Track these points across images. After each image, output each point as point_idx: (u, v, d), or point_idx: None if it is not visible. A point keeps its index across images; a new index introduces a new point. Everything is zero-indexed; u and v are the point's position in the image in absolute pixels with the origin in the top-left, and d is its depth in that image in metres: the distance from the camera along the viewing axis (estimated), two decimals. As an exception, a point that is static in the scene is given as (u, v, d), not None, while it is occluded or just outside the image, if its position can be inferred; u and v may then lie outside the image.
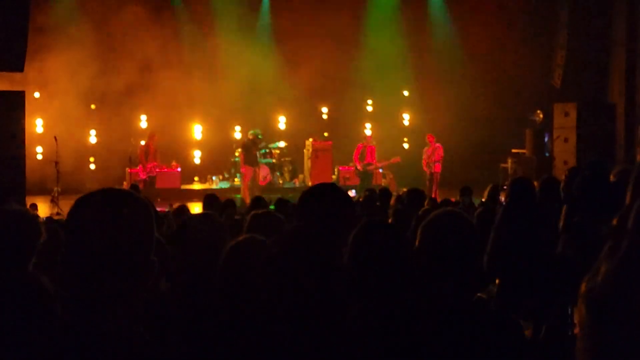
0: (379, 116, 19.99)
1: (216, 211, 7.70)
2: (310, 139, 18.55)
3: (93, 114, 18.86)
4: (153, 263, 1.86)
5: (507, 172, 17.62)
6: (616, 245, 1.34)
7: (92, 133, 18.90)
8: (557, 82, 18.48)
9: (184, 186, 18.16)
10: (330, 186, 3.22)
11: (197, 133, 19.48)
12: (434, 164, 16.68)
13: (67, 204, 14.27)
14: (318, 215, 2.82)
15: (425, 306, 2.55)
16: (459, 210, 3.17)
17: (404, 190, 10.36)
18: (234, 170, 18.40)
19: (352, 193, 15.99)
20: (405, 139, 20.11)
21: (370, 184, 16.09)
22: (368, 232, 2.73)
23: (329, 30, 18.65)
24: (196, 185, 18.76)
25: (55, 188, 15.34)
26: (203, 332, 2.57)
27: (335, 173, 18.36)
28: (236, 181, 18.00)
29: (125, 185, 16.33)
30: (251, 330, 2.36)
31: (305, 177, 18.50)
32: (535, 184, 6.16)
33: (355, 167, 17.21)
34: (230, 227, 6.72)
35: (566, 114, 17.49)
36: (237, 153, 17.65)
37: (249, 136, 16.49)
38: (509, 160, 18.33)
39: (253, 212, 3.97)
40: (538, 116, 18.82)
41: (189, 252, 3.06)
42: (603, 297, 1.29)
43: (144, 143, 17.31)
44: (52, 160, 15.78)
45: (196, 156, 19.47)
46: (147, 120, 18.98)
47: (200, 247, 3.05)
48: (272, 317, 2.35)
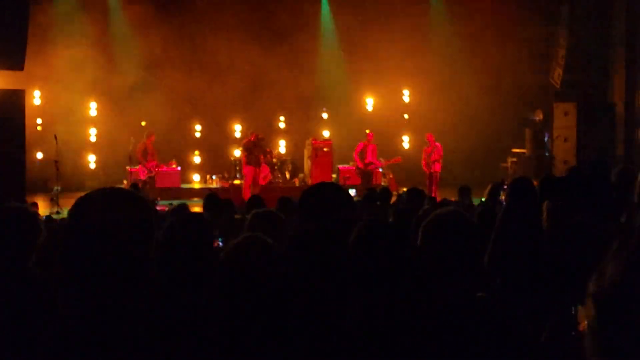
0: (379, 116, 19.98)
1: (217, 210, 7.70)
2: (311, 139, 18.55)
3: (93, 112, 18.87)
4: (152, 261, 1.86)
5: (507, 172, 17.63)
6: (624, 244, 1.33)
7: (92, 132, 18.89)
8: (557, 82, 18.48)
9: (183, 185, 18.17)
10: (331, 185, 3.22)
11: (197, 132, 19.50)
12: (433, 164, 16.67)
13: (67, 203, 14.29)
14: (319, 214, 2.82)
15: (426, 305, 2.55)
16: (460, 209, 3.17)
17: (404, 189, 10.38)
18: (233, 170, 18.40)
19: (353, 192, 15.98)
20: (405, 139, 20.11)
21: (370, 183, 16.08)
22: (370, 232, 2.73)
23: (329, 30, 18.65)
24: (196, 184, 18.77)
25: (55, 187, 15.34)
26: (203, 332, 2.57)
27: (336, 172, 18.35)
28: (236, 181, 17.99)
29: (125, 184, 16.33)
30: (252, 329, 2.36)
31: (305, 177, 18.49)
32: (535, 183, 6.15)
33: (356, 166, 17.19)
34: (230, 227, 6.72)
35: (566, 114, 17.50)
36: (238, 153, 17.67)
37: (250, 137, 16.49)
38: (509, 159, 18.35)
39: (254, 211, 3.97)
40: (538, 116, 18.83)
41: (175, 252, 3.07)
42: (612, 297, 1.28)
43: (141, 143, 17.25)
44: (52, 159, 15.78)
45: (196, 155, 19.48)
46: (148, 119, 18.97)
47: (185, 247, 3.07)
48: (274, 316, 2.34)
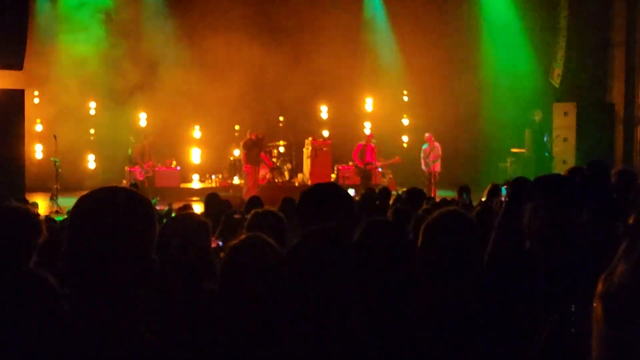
0: (378, 115, 19.98)
1: (217, 210, 7.70)
2: (310, 138, 18.54)
3: (93, 112, 18.86)
4: (154, 261, 1.86)
5: (507, 172, 17.63)
6: (633, 245, 1.33)
7: (92, 132, 18.88)
8: (557, 82, 18.49)
9: (183, 185, 18.16)
10: (330, 185, 3.22)
11: (197, 132, 19.49)
12: (432, 163, 16.66)
13: (66, 203, 14.25)
14: (319, 214, 2.82)
15: (427, 305, 2.55)
16: (461, 209, 3.17)
17: (404, 189, 10.36)
18: (237, 168, 18.39)
19: (352, 192, 15.98)
20: (404, 138, 20.11)
21: (369, 183, 16.07)
22: (372, 231, 2.73)
23: (329, 29, 18.64)
24: (195, 184, 18.77)
25: (55, 186, 15.34)
26: (202, 331, 2.57)
27: (335, 172, 18.35)
28: (235, 180, 17.99)
29: (124, 184, 16.32)
30: (251, 329, 2.36)
31: (304, 176, 18.49)
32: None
33: (355, 165, 17.19)
34: (229, 227, 6.72)
35: (565, 114, 17.51)
36: (237, 153, 17.67)
37: (250, 135, 16.50)
38: (509, 159, 18.35)
39: (254, 211, 3.98)
40: (537, 116, 18.83)
41: (171, 251, 3.09)
42: (620, 297, 1.28)
43: (139, 144, 17.24)
44: (52, 159, 15.77)
45: (195, 155, 19.48)
46: (147, 119, 18.97)
47: (180, 246, 3.09)
48: (275, 316, 2.35)
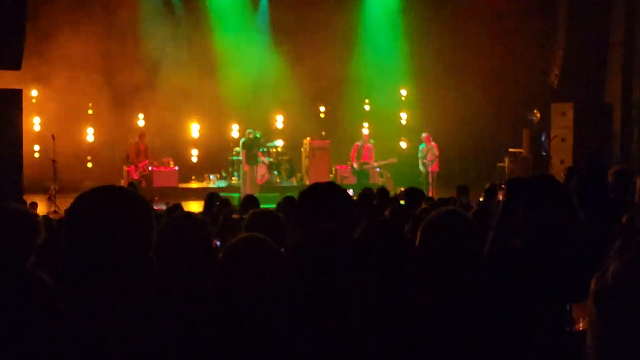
0: (376, 115, 19.99)
1: (216, 210, 7.69)
2: (308, 138, 18.55)
3: (91, 112, 18.85)
4: (152, 260, 1.86)
5: (504, 172, 17.64)
6: (626, 244, 1.33)
7: (90, 131, 18.87)
8: (555, 82, 18.50)
9: (181, 185, 18.15)
10: (329, 185, 3.22)
11: (195, 131, 19.49)
12: (431, 164, 16.67)
13: (65, 202, 14.27)
14: (317, 214, 2.82)
15: (425, 304, 2.55)
16: (459, 209, 3.18)
17: (402, 189, 10.37)
18: (231, 169, 18.40)
19: (350, 192, 15.96)
20: (402, 138, 20.12)
21: (367, 183, 16.08)
22: (372, 231, 2.74)
23: (328, 29, 18.65)
24: (193, 184, 18.76)
25: (53, 186, 15.32)
26: (201, 330, 2.57)
27: (333, 172, 18.35)
28: (234, 180, 17.99)
29: (122, 183, 16.31)
30: (250, 328, 2.36)
31: (302, 176, 18.49)
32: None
33: (351, 166, 17.20)
34: (228, 226, 6.72)
35: (563, 114, 17.52)
36: (236, 152, 17.67)
37: (248, 135, 16.52)
38: (506, 159, 18.36)
39: (252, 211, 3.99)
40: (535, 116, 18.84)
41: (173, 252, 3.09)
42: (614, 296, 1.29)
43: (134, 143, 17.21)
44: (50, 159, 15.76)
45: (194, 155, 19.47)
46: (145, 119, 18.97)
47: (181, 246, 3.09)
48: (273, 316, 2.35)
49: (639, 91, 16.89)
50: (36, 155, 18.15)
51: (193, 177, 18.98)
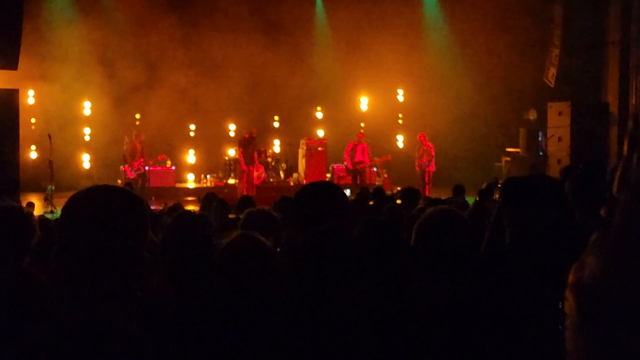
0: (373, 115, 19.99)
1: (214, 210, 7.69)
2: (305, 138, 18.54)
3: (87, 112, 18.84)
4: (146, 259, 1.86)
5: (501, 171, 17.66)
6: (603, 237, 1.34)
7: (87, 131, 18.85)
8: (551, 81, 18.52)
9: (178, 184, 18.14)
10: (325, 184, 3.23)
11: (192, 131, 19.48)
12: (427, 164, 16.68)
13: (61, 203, 14.22)
14: (314, 214, 2.82)
15: (422, 303, 2.56)
16: (454, 208, 3.18)
17: (398, 189, 10.38)
18: (232, 168, 18.38)
19: (347, 192, 15.95)
20: (399, 138, 20.12)
21: (364, 182, 16.07)
22: (369, 231, 2.74)
23: (326, 29, 18.66)
24: (190, 183, 18.75)
25: (49, 186, 15.30)
26: (198, 330, 2.57)
27: (330, 171, 18.35)
28: (230, 180, 17.98)
29: (119, 183, 16.29)
30: (247, 327, 2.36)
31: (299, 176, 18.48)
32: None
33: (345, 166, 17.19)
34: (224, 226, 6.72)
35: (560, 113, 17.54)
36: (233, 152, 17.68)
37: (245, 135, 16.51)
38: (503, 159, 18.38)
39: (248, 210, 3.99)
40: (532, 115, 18.86)
41: (177, 251, 3.10)
42: (592, 289, 1.29)
43: (130, 143, 17.18)
44: (46, 159, 15.75)
45: (190, 154, 19.46)
46: (142, 118, 18.95)
47: (185, 245, 3.10)
48: (269, 315, 2.35)
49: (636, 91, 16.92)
50: (33, 155, 18.13)
51: (190, 178, 18.97)
